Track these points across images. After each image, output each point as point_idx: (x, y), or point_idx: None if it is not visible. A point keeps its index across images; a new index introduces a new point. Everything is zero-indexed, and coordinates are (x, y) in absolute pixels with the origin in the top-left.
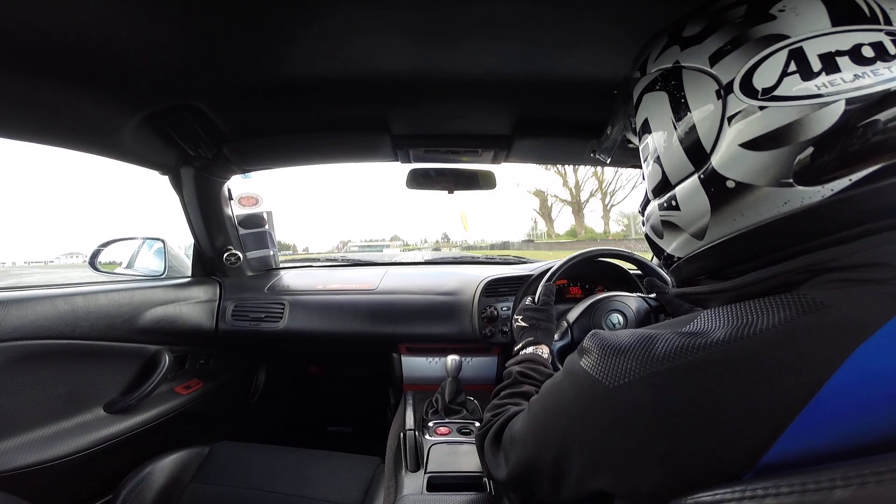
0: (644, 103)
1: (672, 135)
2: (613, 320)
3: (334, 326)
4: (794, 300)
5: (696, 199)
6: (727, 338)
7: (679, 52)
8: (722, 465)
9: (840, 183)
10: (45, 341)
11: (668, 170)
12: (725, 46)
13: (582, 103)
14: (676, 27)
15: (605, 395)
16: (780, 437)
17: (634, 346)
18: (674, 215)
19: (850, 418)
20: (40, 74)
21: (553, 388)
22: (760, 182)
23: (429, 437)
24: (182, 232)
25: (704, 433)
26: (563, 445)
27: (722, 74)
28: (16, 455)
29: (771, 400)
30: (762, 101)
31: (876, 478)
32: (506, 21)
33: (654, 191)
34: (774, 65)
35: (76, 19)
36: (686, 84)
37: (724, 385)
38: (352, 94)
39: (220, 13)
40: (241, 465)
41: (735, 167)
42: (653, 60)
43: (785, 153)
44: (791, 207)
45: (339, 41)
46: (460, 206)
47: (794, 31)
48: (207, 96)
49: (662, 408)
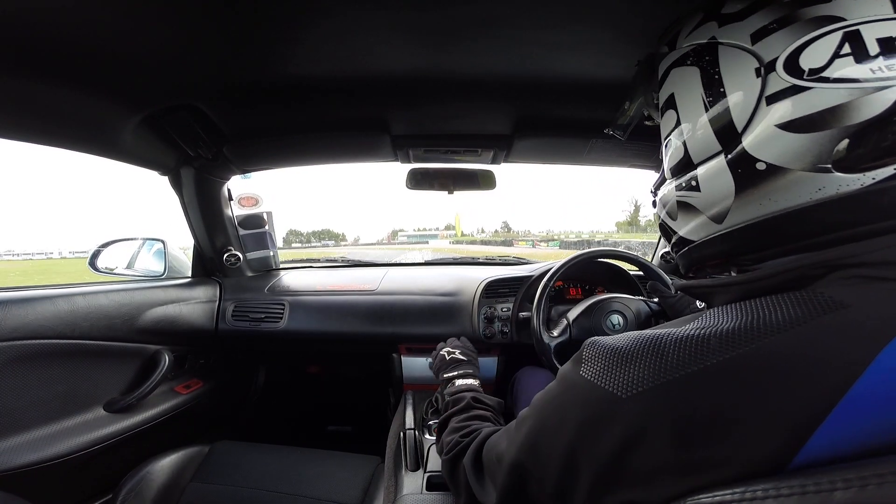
0: (671, 78)
1: (701, 112)
2: (613, 321)
3: (334, 327)
4: (809, 298)
5: (719, 180)
6: (741, 338)
7: (717, 28)
8: (748, 473)
9: (883, 171)
10: (45, 341)
11: (692, 148)
12: (771, 25)
13: (582, 103)
14: (714, 3)
15: (617, 405)
16: (807, 443)
17: (644, 352)
18: (692, 196)
19: (879, 420)
20: (40, 75)
21: (550, 401)
22: (795, 165)
23: (429, 436)
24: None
25: (727, 442)
26: (570, 460)
27: (764, 52)
28: (16, 454)
29: (794, 407)
30: (808, 81)
31: (877, 480)
32: (506, 21)
33: (674, 170)
34: (826, 45)
35: (76, 19)
36: (722, 60)
37: (744, 392)
38: (351, 94)
39: (221, 13)
40: (241, 464)
41: (769, 148)
42: (685, 36)
43: (826, 137)
44: (825, 194)
45: (339, 41)
46: (455, 209)
47: (852, 14)
48: (207, 96)
49: (681, 418)
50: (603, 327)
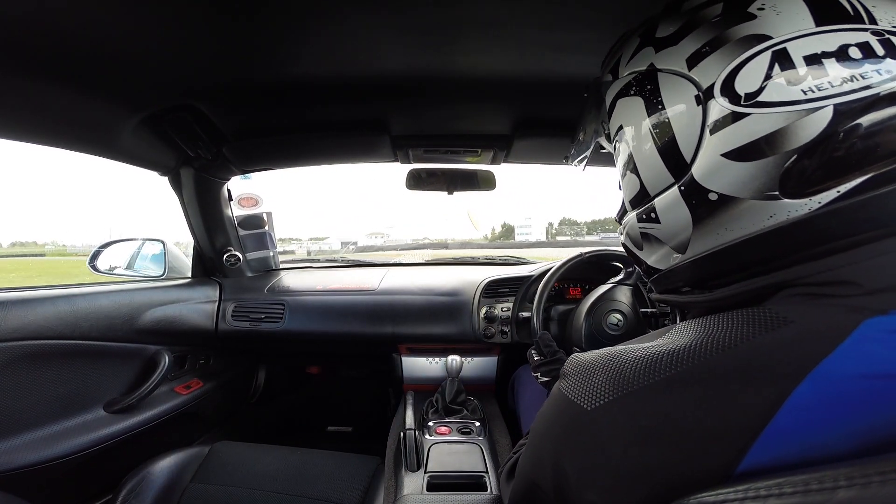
0: (618, 109)
1: (649, 143)
2: (613, 321)
3: (334, 327)
4: (758, 315)
5: (676, 211)
6: (690, 354)
7: (654, 53)
8: (698, 479)
9: (827, 195)
10: (45, 341)
11: (646, 180)
12: (703, 48)
13: (582, 104)
14: (649, 28)
15: (583, 417)
16: (749, 452)
17: (605, 366)
18: (653, 228)
19: (819, 430)
20: (40, 75)
21: (541, 413)
22: (745, 194)
23: (429, 436)
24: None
25: (677, 451)
26: (557, 465)
27: (701, 78)
28: (16, 455)
29: (733, 417)
30: (745, 107)
31: (880, 477)
32: (506, 21)
33: (633, 202)
34: (757, 67)
35: (76, 20)
36: (662, 88)
37: (688, 404)
38: (351, 95)
39: (220, 14)
40: (241, 465)
41: (717, 178)
42: (625, 63)
43: (770, 163)
44: (776, 221)
45: (339, 42)
46: (466, 207)
47: (777, 31)
48: (207, 97)
49: (636, 428)
50: (604, 327)
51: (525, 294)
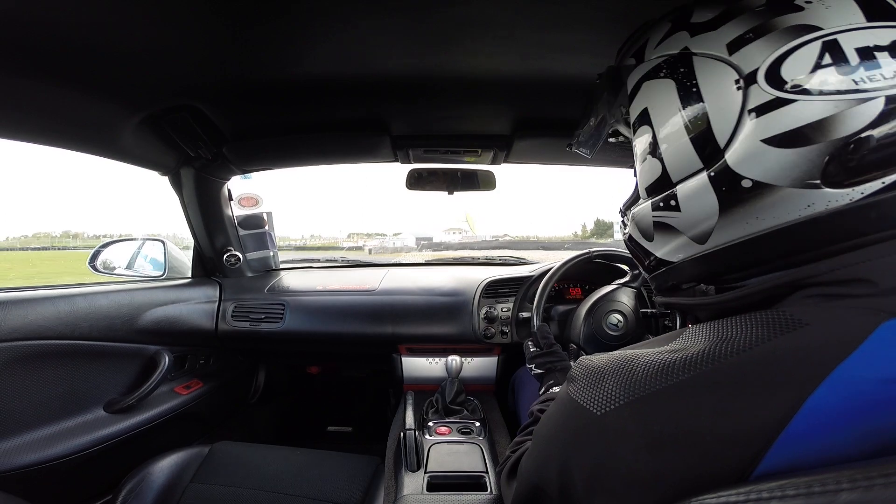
0: (644, 91)
1: (679, 127)
2: (613, 321)
3: (334, 327)
4: (772, 318)
5: (702, 199)
6: (705, 359)
7: (688, 38)
8: (710, 484)
9: (871, 186)
10: (45, 342)
11: (669, 165)
12: (747, 34)
13: (582, 104)
14: (682, 13)
15: (593, 422)
16: (765, 457)
17: (614, 371)
18: (671, 216)
19: (836, 434)
20: (40, 75)
21: (547, 416)
22: (782, 182)
23: (429, 436)
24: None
25: (691, 457)
26: (563, 469)
27: (743, 63)
28: (16, 455)
29: (749, 422)
30: (792, 93)
31: (883, 480)
32: (505, 21)
33: (650, 188)
34: (807, 56)
35: (76, 20)
36: (699, 72)
37: (702, 409)
38: (351, 95)
39: (220, 14)
40: (241, 465)
41: (754, 165)
42: (653, 47)
43: (814, 151)
44: (814, 211)
45: (339, 42)
46: (464, 209)
47: (827, 23)
48: (207, 97)
49: (648, 434)
50: (605, 328)
51: (525, 294)
